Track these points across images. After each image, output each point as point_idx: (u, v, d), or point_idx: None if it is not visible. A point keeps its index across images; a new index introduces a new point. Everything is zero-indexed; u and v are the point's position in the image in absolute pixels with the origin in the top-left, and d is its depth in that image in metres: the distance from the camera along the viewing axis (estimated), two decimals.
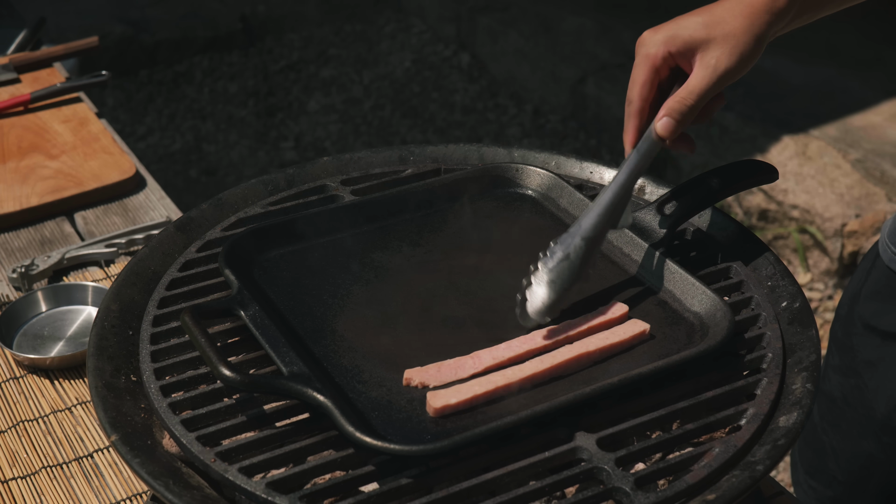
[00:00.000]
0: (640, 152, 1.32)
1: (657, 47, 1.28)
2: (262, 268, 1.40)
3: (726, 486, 1.10)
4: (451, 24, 5.34)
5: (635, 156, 1.32)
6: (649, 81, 1.30)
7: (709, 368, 1.23)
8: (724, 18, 1.27)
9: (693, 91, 1.28)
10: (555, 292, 1.27)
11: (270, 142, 4.71)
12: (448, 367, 1.21)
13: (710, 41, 1.27)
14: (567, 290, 1.28)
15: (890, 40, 4.46)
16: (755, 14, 1.28)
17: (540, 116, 4.75)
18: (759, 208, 3.77)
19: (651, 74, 1.29)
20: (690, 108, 1.28)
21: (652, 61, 1.29)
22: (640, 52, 1.30)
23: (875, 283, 1.70)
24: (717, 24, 1.27)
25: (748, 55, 1.27)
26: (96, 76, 2.34)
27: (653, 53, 1.28)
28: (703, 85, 1.27)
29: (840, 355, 1.77)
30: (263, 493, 1.08)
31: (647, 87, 1.30)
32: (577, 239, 1.30)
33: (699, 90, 1.28)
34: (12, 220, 1.99)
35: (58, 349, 1.68)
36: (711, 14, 1.29)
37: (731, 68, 1.27)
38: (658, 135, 1.30)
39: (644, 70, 1.30)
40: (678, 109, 1.28)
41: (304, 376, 1.16)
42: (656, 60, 1.29)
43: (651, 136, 1.31)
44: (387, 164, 1.65)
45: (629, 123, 1.32)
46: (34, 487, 1.47)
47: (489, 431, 1.10)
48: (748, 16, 1.28)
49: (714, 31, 1.27)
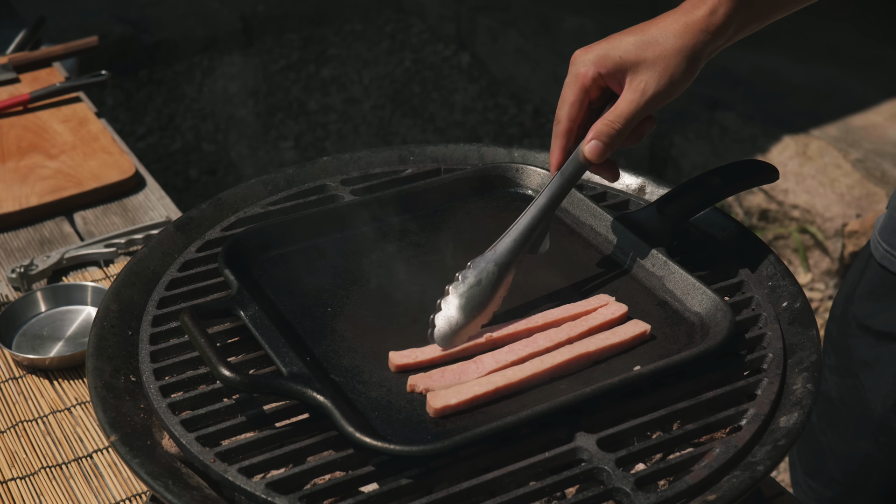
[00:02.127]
0: (565, 175, 1.30)
1: (587, 67, 1.25)
2: (262, 268, 1.40)
3: (727, 486, 1.10)
4: (451, 24, 5.34)
5: (559, 179, 1.30)
6: (578, 102, 1.27)
7: (709, 369, 1.23)
8: (656, 39, 1.24)
9: (621, 115, 1.25)
10: (463, 317, 1.25)
11: (270, 142, 4.71)
12: (451, 371, 1.21)
13: (640, 63, 1.24)
14: (476, 316, 1.26)
15: (890, 40, 4.46)
16: (689, 34, 1.24)
17: (540, 116, 4.75)
18: (759, 208, 3.77)
19: (580, 94, 1.27)
20: (618, 132, 1.26)
21: (581, 81, 1.26)
22: (571, 70, 1.27)
23: (869, 283, 1.70)
24: (648, 45, 1.24)
25: (679, 77, 1.25)
26: (96, 76, 2.34)
27: (582, 73, 1.26)
28: (631, 109, 1.25)
29: (836, 356, 1.77)
30: (263, 493, 1.08)
31: (575, 108, 1.28)
32: (491, 265, 1.27)
33: (627, 114, 1.25)
34: (11, 219, 1.99)
35: (57, 349, 1.68)
36: (645, 34, 1.25)
37: (660, 91, 1.24)
38: (585, 158, 1.28)
39: (573, 90, 1.27)
40: (606, 133, 1.26)
41: (303, 377, 1.15)
42: (586, 80, 1.26)
43: (578, 158, 1.29)
44: (387, 164, 1.65)
45: (555, 143, 1.30)
46: (34, 488, 1.47)
47: (489, 432, 1.10)
48: (682, 35, 1.24)
49: (645, 52, 1.24)
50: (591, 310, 1.30)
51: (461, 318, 1.25)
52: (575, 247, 1.45)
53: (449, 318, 1.24)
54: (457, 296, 1.25)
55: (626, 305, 1.31)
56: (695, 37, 1.25)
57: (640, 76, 1.24)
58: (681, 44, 1.24)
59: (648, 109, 1.26)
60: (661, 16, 1.27)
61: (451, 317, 1.24)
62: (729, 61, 4.31)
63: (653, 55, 1.24)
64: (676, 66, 1.24)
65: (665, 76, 1.24)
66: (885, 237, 1.66)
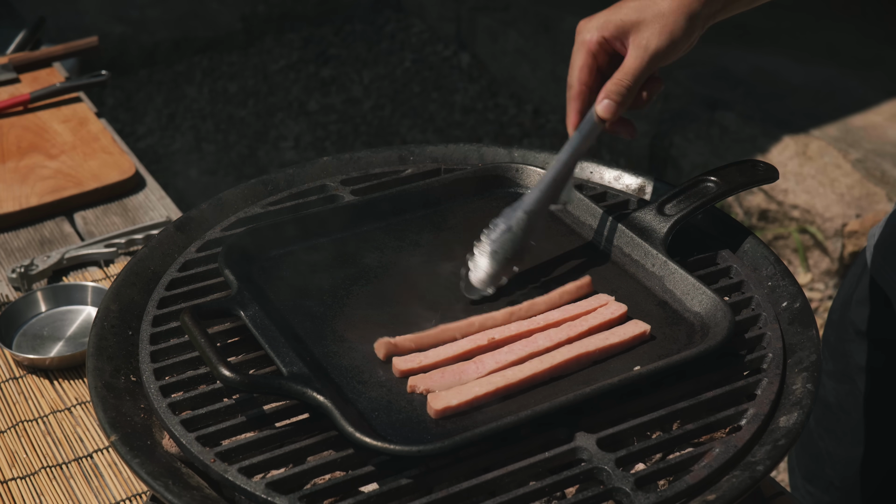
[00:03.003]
0: (582, 133, 1.37)
1: (591, 33, 1.33)
2: (261, 268, 1.40)
3: (726, 486, 1.10)
4: (451, 24, 5.34)
5: (577, 136, 1.37)
6: (587, 66, 1.34)
7: (709, 369, 1.23)
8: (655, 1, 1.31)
9: (628, 72, 1.32)
10: (497, 262, 1.33)
11: (270, 142, 4.71)
12: (451, 372, 1.21)
13: (640, 22, 1.31)
14: (509, 261, 1.34)
15: (890, 40, 4.46)
16: None
17: (540, 116, 4.75)
18: (759, 208, 3.77)
19: (588, 59, 1.34)
20: (628, 88, 1.32)
21: (588, 46, 1.33)
22: (577, 39, 1.35)
23: (865, 289, 1.70)
24: (647, 7, 1.31)
25: (679, 34, 1.31)
26: (96, 76, 2.34)
27: (588, 39, 1.33)
28: (636, 65, 1.31)
29: (833, 361, 1.77)
30: (263, 493, 1.08)
31: (585, 71, 1.34)
32: (520, 212, 1.36)
33: (633, 70, 1.32)
34: (12, 220, 1.99)
35: (57, 349, 1.68)
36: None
37: (661, 46, 1.31)
38: (599, 116, 1.35)
39: (581, 55, 1.34)
40: (616, 91, 1.33)
41: (303, 377, 1.15)
42: (592, 45, 1.33)
43: (592, 118, 1.36)
44: (387, 164, 1.65)
45: (570, 107, 1.37)
46: (34, 488, 1.47)
47: (489, 432, 1.10)
48: None
49: (645, 12, 1.31)
50: (590, 310, 1.30)
51: (494, 263, 1.33)
52: (575, 246, 1.45)
53: (483, 264, 1.33)
54: (489, 242, 1.34)
55: (625, 305, 1.31)
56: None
57: (641, 34, 1.31)
58: (678, 2, 1.30)
59: (653, 65, 1.32)
60: None
61: (486, 263, 1.33)
62: (729, 61, 4.31)
63: (651, 14, 1.30)
64: (675, 22, 1.30)
65: (665, 32, 1.30)
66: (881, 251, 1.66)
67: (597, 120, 1.35)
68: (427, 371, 1.22)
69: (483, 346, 1.25)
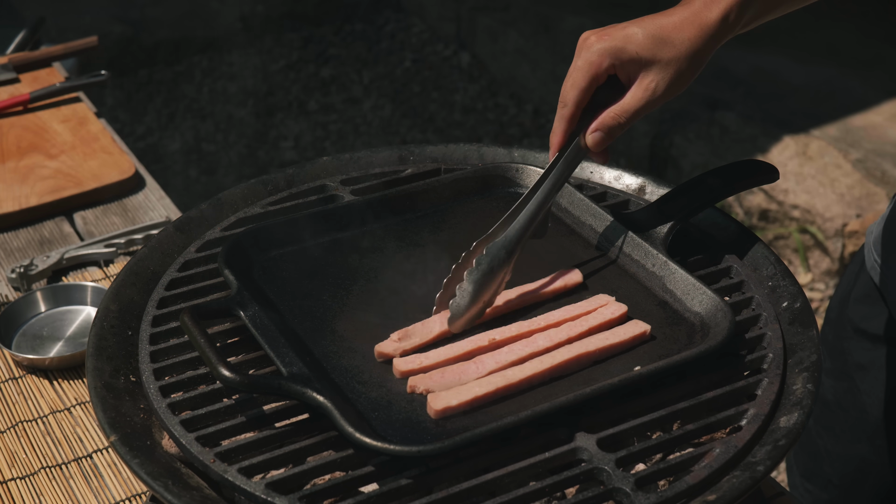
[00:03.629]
0: (567, 161, 1.33)
1: (601, 57, 1.27)
2: (261, 268, 1.40)
3: (727, 486, 1.10)
4: (451, 24, 5.34)
5: (562, 165, 1.33)
6: (587, 89, 1.29)
7: (709, 369, 1.23)
8: (672, 40, 1.26)
9: (628, 111, 1.28)
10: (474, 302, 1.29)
11: (270, 142, 4.71)
12: (452, 372, 1.21)
13: (654, 63, 1.26)
14: (484, 299, 1.30)
15: (890, 40, 4.46)
16: (703, 38, 1.26)
17: (540, 116, 4.75)
18: (759, 208, 3.77)
19: (590, 82, 1.29)
20: (622, 126, 1.29)
21: (595, 70, 1.28)
22: (584, 56, 1.28)
23: (864, 287, 1.70)
24: (664, 45, 1.26)
25: (687, 79, 1.28)
26: (95, 76, 2.34)
27: (596, 62, 1.27)
28: (638, 106, 1.28)
29: (832, 359, 1.77)
30: (263, 493, 1.08)
31: (583, 94, 1.29)
32: (503, 252, 1.31)
33: (633, 110, 1.28)
34: (11, 219, 1.99)
35: (57, 349, 1.68)
36: (661, 29, 1.27)
37: (668, 92, 1.28)
38: (587, 146, 1.31)
39: (585, 76, 1.28)
40: (611, 126, 1.29)
41: (303, 377, 1.15)
42: (599, 70, 1.28)
43: (579, 144, 1.32)
44: (387, 164, 1.65)
45: (559, 126, 1.32)
46: (33, 488, 1.47)
47: (489, 432, 1.10)
48: (696, 39, 1.26)
49: (661, 52, 1.26)
50: (590, 310, 1.30)
51: (472, 302, 1.29)
52: (575, 247, 1.45)
53: (462, 304, 1.29)
54: (471, 283, 1.29)
55: (625, 305, 1.31)
56: (707, 41, 1.27)
57: (651, 75, 1.27)
58: (695, 48, 1.26)
59: (653, 107, 1.29)
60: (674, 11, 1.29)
61: (465, 303, 1.29)
62: (729, 61, 4.31)
63: (667, 57, 1.26)
64: (687, 68, 1.27)
65: (675, 78, 1.27)
66: (878, 249, 1.66)
67: (583, 146, 1.32)
68: (427, 371, 1.22)
69: (483, 347, 1.25)
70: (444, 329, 1.28)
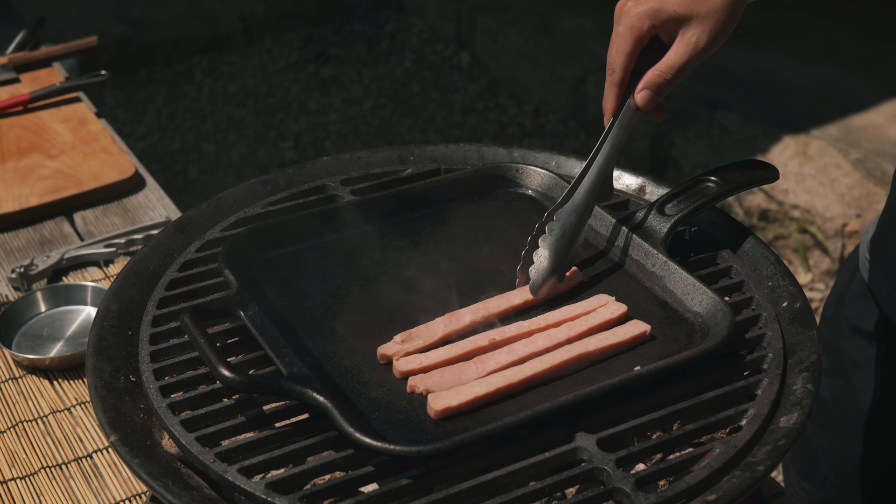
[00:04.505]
0: (623, 124, 1.36)
1: (642, 20, 1.31)
2: (261, 268, 1.40)
3: (727, 486, 1.10)
4: (451, 24, 5.34)
5: (618, 128, 1.37)
6: (633, 52, 1.33)
7: (709, 369, 1.23)
8: None
9: (673, 66, 1.31)
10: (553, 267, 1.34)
11: (270, 142, 4.71)
12: (451, 372, 1.21)
13: (692, 17, 1.30)
14: (563, 264, 1.35)
15: (891, 40, 4.46)
16: None
17: (540, 116, 4.75)
18: (759, 208, 3.77)
19: (635, 45, 1.32)
20: (669, 81, 1.32)
21: (637, 34, 1.32)
22: (624, 21, 1.32)
23: (859, 285, 1.71)
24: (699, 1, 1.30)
25: (726, 29, 1.31)
26: (95, 76, 2.34)
27: (637, 26, 1.31)
28: (682, 61, 1.31)
29: (828, 357, 1.77)
30: (263, 493, 1.08)
31: (630, 58, 1.33)
32: (573, 216, 1.36)
33: (678, 65, 1.31)
34: (11, 220, 1.99)
35: (57, 349, 1.68)
36: None
37: (710, 44, 1.31)
38: (637, 105, 1.35)
39: (629, 41, 1.32)
40: (657, 83, 1.33)
41: (303, 377, 1.15)
42: (641, 32, 1.32)
43: (630, 106, 1.35)
44: (387, 164, 1.65)
45: (610, 92, 1.36)
46: (33, 488, 1.47)
47: (489, 432, 1.10)
48: None
49: (697, 6, 1.29)
50: (590, 310, 1.30)
51: (551, 266, 1.34)
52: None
53: (542, 269, 1.34)
54: (546, 247, 1.34)
55: (625, 305, 1.31)
56: None
57: (691, 30, 1.30)
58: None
59: (697, 61, 1.32)
60: None
61: (544, 268, 1.34)
62: (729, 61, 4.31)
63: (704, 10, 1.29)
64: (726, 18, 1.30)
65: (714, 29, 1.30)
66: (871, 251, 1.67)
67: (634, 107, 1.35)
68: (427, 371, 1.22)
69: (483, 347, 1.25)
70: (448, 332, 1.27)
